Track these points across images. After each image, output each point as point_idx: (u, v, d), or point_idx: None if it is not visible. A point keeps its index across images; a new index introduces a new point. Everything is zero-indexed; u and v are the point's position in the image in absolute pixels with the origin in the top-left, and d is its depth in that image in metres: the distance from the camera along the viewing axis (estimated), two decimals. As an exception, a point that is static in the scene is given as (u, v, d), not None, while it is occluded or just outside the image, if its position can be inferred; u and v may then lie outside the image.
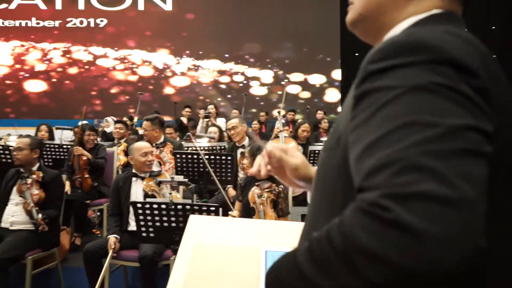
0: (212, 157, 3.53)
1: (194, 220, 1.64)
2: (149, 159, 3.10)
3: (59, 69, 9.52)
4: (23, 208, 2.96)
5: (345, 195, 0.59)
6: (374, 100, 0.52)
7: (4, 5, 9.51)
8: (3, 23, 9.51)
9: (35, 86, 9.50)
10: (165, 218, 2.30)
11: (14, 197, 3.09)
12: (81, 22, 9.53)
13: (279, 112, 5.17)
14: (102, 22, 9.54)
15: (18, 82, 9.48)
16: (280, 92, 9.40)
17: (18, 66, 9.50)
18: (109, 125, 7.30)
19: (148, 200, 2.36)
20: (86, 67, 9.52)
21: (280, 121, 5.04)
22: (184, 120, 7.46)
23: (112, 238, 2.87)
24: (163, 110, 8.69)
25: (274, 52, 9.64)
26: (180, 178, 2.81)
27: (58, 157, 4.44)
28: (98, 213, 4.59)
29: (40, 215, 2.87)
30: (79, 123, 5.30)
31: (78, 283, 3.38)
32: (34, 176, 3.02)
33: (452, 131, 0.47)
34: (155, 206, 2.26)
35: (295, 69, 9.60)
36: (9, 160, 3.68)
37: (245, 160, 3.07)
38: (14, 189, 3.09)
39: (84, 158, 3.92)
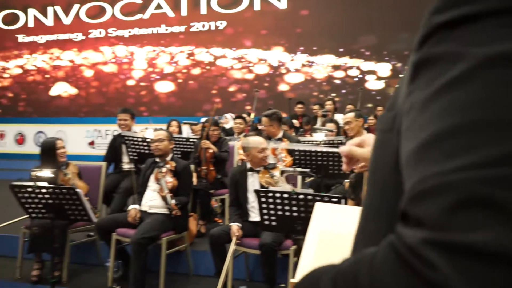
0: (330, 150, 3.51)
1: (320, 208, 1.65)
2: (266, 154, 3.19)
3: (184, 71, 10.35)
4: (159, 194, 3.29)
5: (397, 195, 0.43)
6: (435, 74, 0.35)
7: (139, 16, 10.68)
8: (138, 32, 10.69)
9: (164, 87, 10.49)
10: (287, 207, 2.36)
11: (152, 184, 3.45)
12: (203, 26, 10.22)
13: None
14: (222, 24, 10.11)
15: (150, 83, 10.57)
16: (397, 86, 8.92)
17: (150, 69, 10.58)
18: (228, 121, 7.73)
19: (271, 188, 2.44)
20: (207, 67, 10.19)
21: None
22: (296, 122, 7.49)
23: (235, 226, 3.03)
24: (277, 106, 8.86)
25: (392, 44, 9.16)
26: (300, 169, 2.84)
27: (185, 149, 4.84)
28: (220, 203, 4.90)
29: (173, 201, 3.16)
30: (201, 120, 5.70)
31: (203, 264, 3.66)
32: (168, 165, 3.35)
33: None
34: (277, 195, 2.33)
35: (415, 61, 9.01)
36: (147, 151, 4.13)
37: None
38: (152, 177, 3.46)
39: (210, 151, 4.21)
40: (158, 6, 10.51)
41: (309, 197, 2.29)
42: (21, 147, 11.10)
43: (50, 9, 11.38)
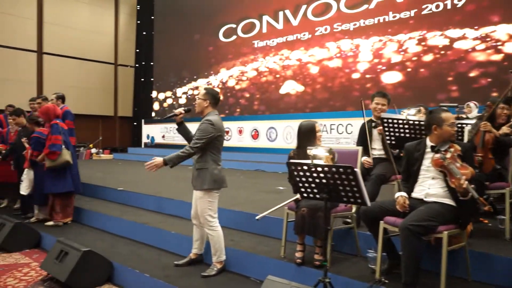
0: None
1: None
2: None
3: (414, 58, 9.55)
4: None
5: None
6: None
7: (365, 6, 10.41)
8: (364, 23, 10.43)
9: (391, 77, 9.92)
10: None
11: (426, 171, 3.00)
12: (437, 6, 9.21)
13: None
14: (460, 1, 8.89)
15: (376, 75, 10.16)
16: None
17: (376, 60, 10.18)
18: (471, 110, 6.71)
19: None
20: (442, 52, 9.13)
21: None
22: None
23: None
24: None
25: None
26: None
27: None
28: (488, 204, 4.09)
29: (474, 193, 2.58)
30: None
31: (484, 269, 3.03)
32: (452, 149, 2.84)
33: None
34: None
35: None
36: (407, 135, 3.73)
37: None
38: (425, 162, 3.02)
39: (491, 134, 3.49)
40: (386, -7, 10.03)
41: None
42: (255, 141, 12.30)
43: (280, 14, 12.27)
